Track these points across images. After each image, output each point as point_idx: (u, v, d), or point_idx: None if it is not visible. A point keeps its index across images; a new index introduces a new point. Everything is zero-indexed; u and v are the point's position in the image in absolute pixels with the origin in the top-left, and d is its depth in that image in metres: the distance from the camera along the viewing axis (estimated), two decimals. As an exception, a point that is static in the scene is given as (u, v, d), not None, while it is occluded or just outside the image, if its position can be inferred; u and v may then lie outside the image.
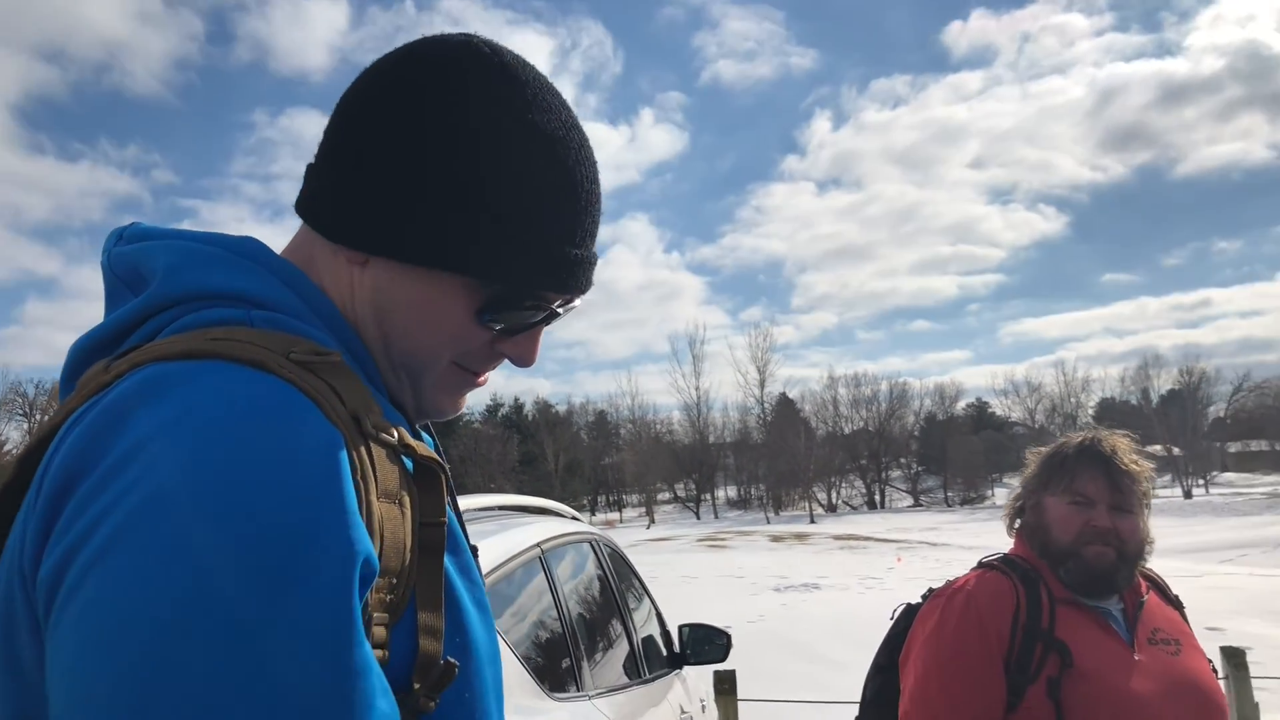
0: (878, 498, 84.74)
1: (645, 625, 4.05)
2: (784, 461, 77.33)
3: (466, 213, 0.89)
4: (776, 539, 35.16)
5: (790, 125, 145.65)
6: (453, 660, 0.82)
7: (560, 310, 0.98)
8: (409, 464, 0.85)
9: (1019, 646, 1.95)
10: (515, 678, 2.25)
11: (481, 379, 1.00)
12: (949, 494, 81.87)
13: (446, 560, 0.85)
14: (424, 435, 1.01)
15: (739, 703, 6.78)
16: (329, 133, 0.95)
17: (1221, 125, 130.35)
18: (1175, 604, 2.20)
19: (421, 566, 0.82)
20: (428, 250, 0.90)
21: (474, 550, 1.05)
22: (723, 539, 36.23)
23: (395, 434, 0.83)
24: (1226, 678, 6.74)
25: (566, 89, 0.96)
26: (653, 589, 4.53)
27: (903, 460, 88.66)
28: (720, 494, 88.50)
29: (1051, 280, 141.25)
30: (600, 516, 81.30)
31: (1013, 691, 1.93)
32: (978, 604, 2.01)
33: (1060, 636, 1.95)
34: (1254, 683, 7.06)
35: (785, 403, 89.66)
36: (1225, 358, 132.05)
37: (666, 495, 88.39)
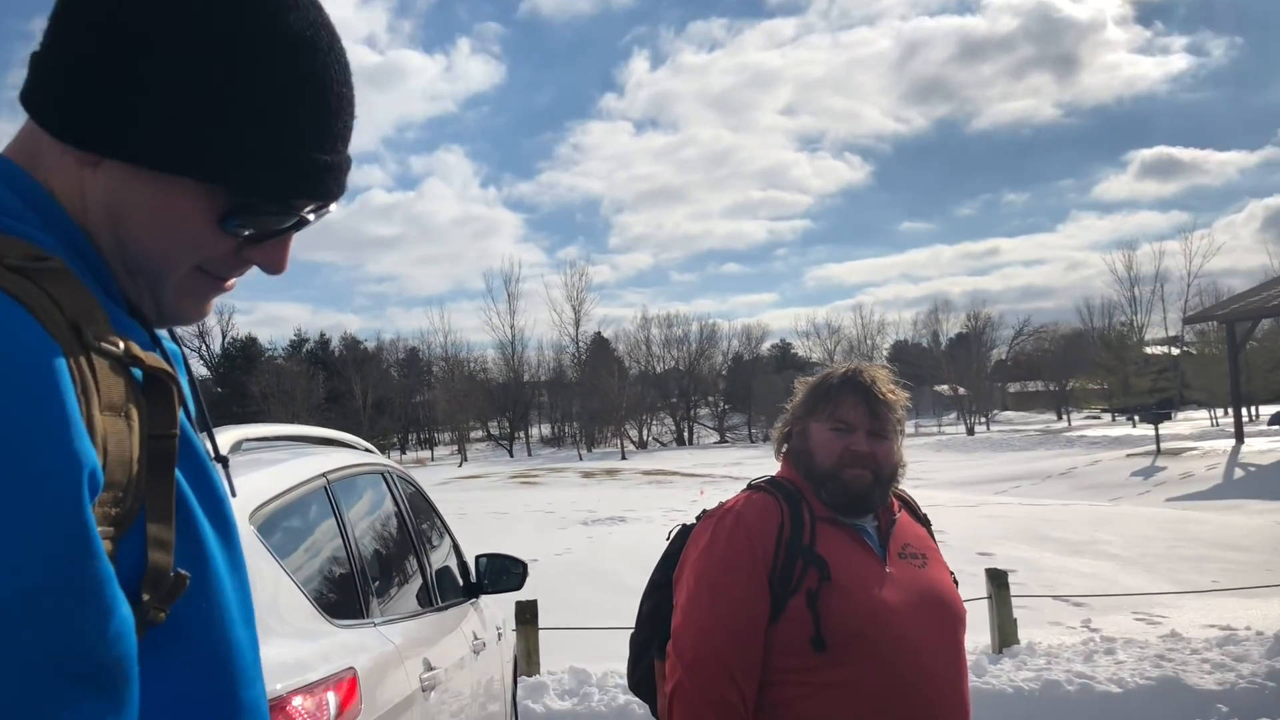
0: (686, 434, 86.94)
1: (443, 557, 4.07)
2: (597, 399, 78.20)
3: (206, 116, 0.85)
4: (588, 475, 35.63)
5: (609, 63, 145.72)
6: (183, 572, 0.81)
7: (310, 217, 0.95)
8: (138, 375, 0.81)
9: (782, 561, 2.07)
10: (295, 604, 2.24)
11: (229, 284, 0.96)
12: (753, 430, 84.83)
13: (179, 473, 0.83)
14: (167, 345, 0.96)
15: (539, 631, 6.92)
16: (55, 17, 0.88)
17: (1014, 83, 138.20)
18: (924, 522, 2.38)
19: (151, 479, 0.79)
20: (164, 154, 0.85)
21: (224, 462, 1.03)
22: (535, 476, 36.45)
23: (121, 344, 0.79)
24: (990, 597, 7.32)
25: (378, 13, 0.92)
26: (462, 525, 4.55)
27: (710, 398, 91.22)
28: (534, 432, 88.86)
29: (854, 227, 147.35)
30: (411, 454, 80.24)
31: (775, 603, 2.05)
32: (745, 522, 2.12)
33: (819, 552, 2.09)
34: (1015, 601, 7.70)
35: (600, 342, 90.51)
36: (1009, 304, 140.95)
37: (480, 433, 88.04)
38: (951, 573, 2.29)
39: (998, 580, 7.31)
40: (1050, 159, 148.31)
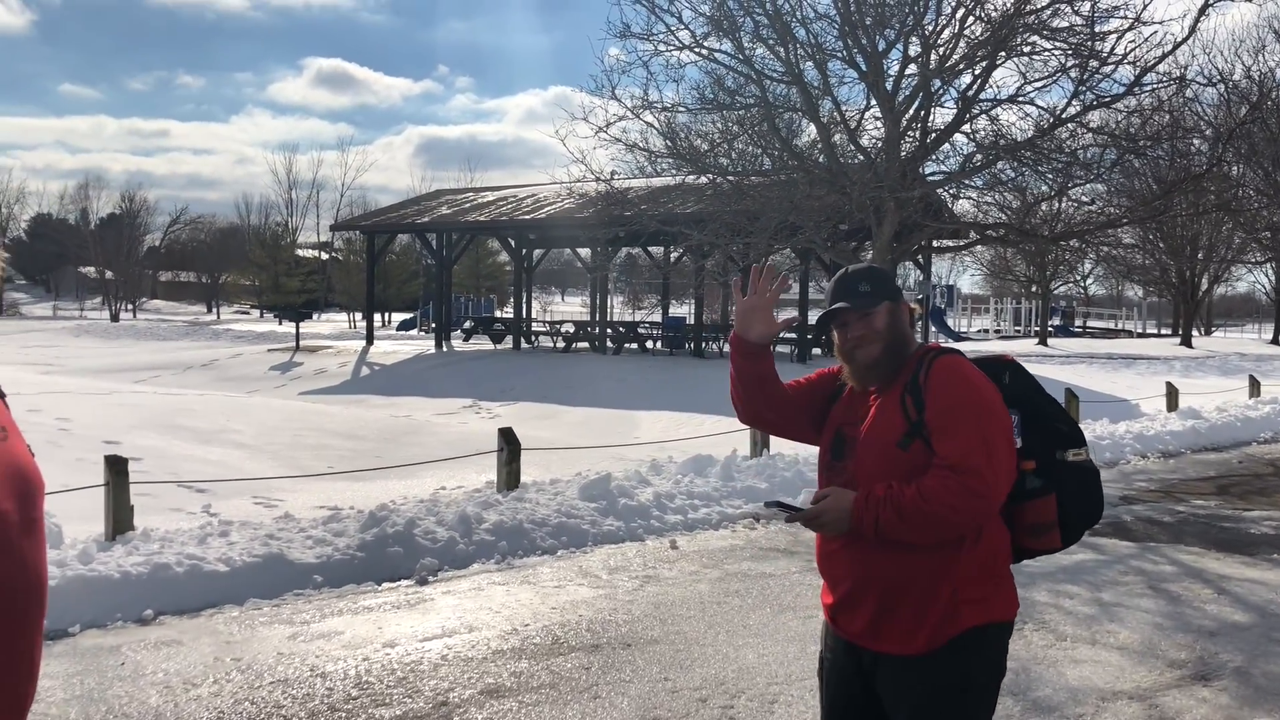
0: None
1: None
2: None
3: None
4: None
5: None
6: None
7: None
8: None
9: None
10: None
11: None
12: None
13: None
14: None
15: None
16: None
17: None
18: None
19: None
20: None
21: None
22: None
23: None
24: (108, 484, 7.12)
25: None
26: None
27: None
28: None
29: (4, 78, 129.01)
30: None
31: None
32: None
33: None
34: (137, 488, 7.59)
35: None
36: (173, 190, 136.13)
37: None
38: (28, 445, 2.19)
39: (116, 467, 7.13)
40: (231, 49, 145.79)
